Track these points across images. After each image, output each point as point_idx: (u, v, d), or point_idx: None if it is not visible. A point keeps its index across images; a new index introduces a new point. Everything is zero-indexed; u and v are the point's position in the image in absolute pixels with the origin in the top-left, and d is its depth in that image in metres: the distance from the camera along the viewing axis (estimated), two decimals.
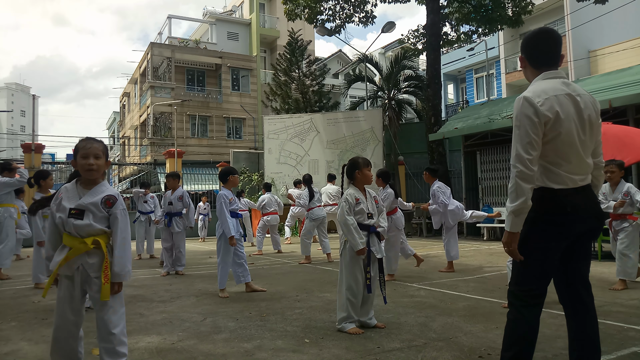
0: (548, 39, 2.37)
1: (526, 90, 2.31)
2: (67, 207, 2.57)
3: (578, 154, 2.25)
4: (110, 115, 44.81)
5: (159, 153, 22.24)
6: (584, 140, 2.27)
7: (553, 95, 2.22)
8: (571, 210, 2.22)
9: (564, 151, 2.23)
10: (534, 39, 2.40)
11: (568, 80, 2.35)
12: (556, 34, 2.41)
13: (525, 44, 2.43)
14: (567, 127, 2.21)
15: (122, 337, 2.62)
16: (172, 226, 7.22)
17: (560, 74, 2.35)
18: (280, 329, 3.76)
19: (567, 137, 2.21)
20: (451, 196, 6.91)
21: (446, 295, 5.01)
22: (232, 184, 5.52)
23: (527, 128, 2.18)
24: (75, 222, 2.56)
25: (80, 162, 2.61)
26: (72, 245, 2.56)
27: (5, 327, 4.05)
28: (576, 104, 2.25)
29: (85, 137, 2.83)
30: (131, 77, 30.17)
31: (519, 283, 2.33)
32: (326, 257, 8.42)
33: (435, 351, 3.13)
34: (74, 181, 2.69)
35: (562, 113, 2.20)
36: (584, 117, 2.25)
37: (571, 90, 2.28)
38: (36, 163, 15.70)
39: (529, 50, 2.41)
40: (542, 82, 2.31)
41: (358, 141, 15.76)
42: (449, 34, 17.22)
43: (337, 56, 33.54)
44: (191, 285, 6.09)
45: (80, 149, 2.64)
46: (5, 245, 7.05)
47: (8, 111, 56.32)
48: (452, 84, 28.62)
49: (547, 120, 2.18)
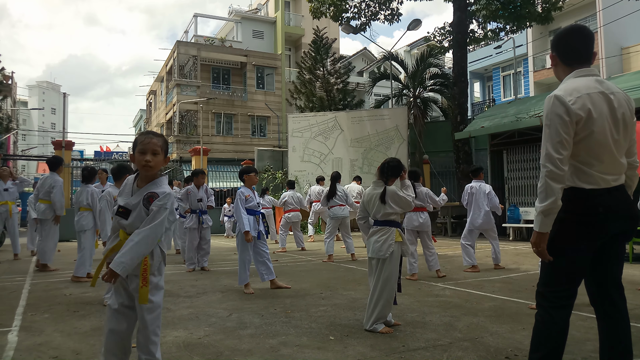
0: (580, 36, 2.31)
1: (557, 88, 2.26)
2: (118, 204, 2.53)
3: (611, 154, 2.18)
4: (137, 113, 45.71)
5: (184, 150, 22.58)
6: (618, 140, 2.20)
7: (585, 93, 2.16)
8: (603, 210, 2.16)
9: (596, 150, 2.16)
10: (566, 36, 2.34)
11: (601, 78, 2.29)
12: (588, 30, 2.35)
13: (556, 41, 2.37)
14: (599, 126, 2.15)
15: (153, 337, 2.45)
16: (204, 222, 7.37)
17: (593, 71, 2.28)
18: (304, 326, 3.78)
19: (600, 136, 2.15)
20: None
21: (471, 295, 4.95)
22: (250, 182, 5.59)
23: (557, 127, 2.13)
24: (121, 222, 2.47)
25: (137, 158, 2.49)
26: (122, 238, 2.45)
27: (39, 319, 4.19)
28: (609, 102, 2.18)
29: (145, 130, 2.71)
30: (157, 75, 30.70)
31: (548, 284, 2.29)
32: (350, 256, 8.41)
33: (460, 351, 3.10)
34: (134, 175, 2.59)
35: (594, 112, 2.14)
36: (617, 115, 2.19)
37: (604, 88, 2.21)
38: (66, 160, 16.12)
39: (560, 48, 2.35)
40: (575, 80, 2.25)
41: (382, 139, 15.67)
42: (476, 32, 16.97)
43: (362, 54, 33.41)
44: (217, 281, 6.17)
45: (139, 143, 2.50)
46: (50, 241, 7.30)
47: (39, 109, 57.99)
48: (478, 82, 28.20)
49: (579, 119, 2.13)
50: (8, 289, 5.81)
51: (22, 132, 47.26)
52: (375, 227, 3.85)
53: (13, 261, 8.80)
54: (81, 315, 4.27)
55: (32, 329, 3.83)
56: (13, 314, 4.36)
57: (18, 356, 3.14)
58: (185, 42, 26.88)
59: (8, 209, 8.79)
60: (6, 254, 9.74)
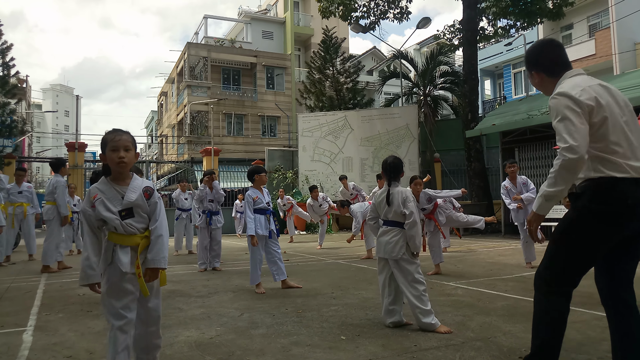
0: (555, 47, 2.39)
1: (556, 91, 2.24)
2: (114, 209, 2.44)
3: (628, 139, 2.16)
4: (149, 114, 46.08)
5: (195, 151, 22.73)
6: (629, 124, 2.20)
7: (587, 86, 2.18)
8: (632, 203, 2.07)
9: (616, 136, 2.14)
10: (545, 52, 2.40)
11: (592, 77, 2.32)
12: (558, 42, 2.45)
13: (535, 59, 2.41)
14: (610, 112, 2.15)
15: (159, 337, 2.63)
16: (213, 223, 7.40)
17: (582, 71, 2.33)
18: (316, 326, 3.78)
19: (615, 122, 2.15)
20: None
21: (484, 295, 4.91)
22: (259, 183, 5.59)
23: (571, 118, 2.11)
24: (129, 221, 2.46)
25: (111, 156, 2.45)
26: (133, 242, 2.46)
27: (53, 319, 4.23)
28: (610, 92, 2.23)
29: (112, 129, 2.61)
30: (168, 77, 30.92)
31: (551, 268, 2.25)
32: (367, 252, 8.35)
33: (473, 351, 3.07)
34: (103, 179, 2.52)
35: (602, 99, 2.15)
36: (621, 103, 2.23)
37: (600, 82, 2.26)
38: (79, 161, 16.33)
39: (544, 64, 2.39)
40: (571, 79, 2.26)
41: (393, 138, 15.63)
42: (486, 29, 16.83)
43: (372, 53, 33.33)
44: (228, 281, 6.20)
45: (109, 141, 2.47)
46: (51, 242, 7.39)
47: (53, 111, 58.77)
48: (489, 79, 27.97)
49: (591, 109, 2.13)
50: (23, 289, 5.89)
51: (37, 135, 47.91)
52: (385, 227, 3.84)
53: (28, 262, 8.93)
54: (94, 315, 4.32)
55: (46, 328, 3.88)
56: (28, 314, 4.41)
57: (33, 356, 3.18)
58: (196, 43, 27.04)
59: (23, 210, 8.91)
60: (21, 254, 9.89)
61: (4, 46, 15.55)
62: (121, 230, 2.45)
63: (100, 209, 2.43)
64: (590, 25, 21.07)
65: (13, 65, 15.88)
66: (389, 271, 3.79)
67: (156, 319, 2.60)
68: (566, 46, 21.08)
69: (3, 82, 15.67)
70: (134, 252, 2.47)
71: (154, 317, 2.59)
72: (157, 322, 2.61)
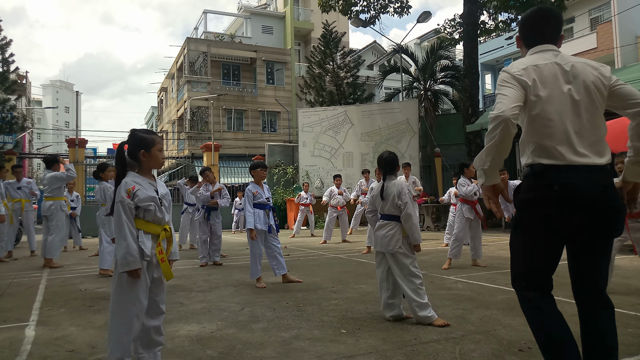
0: (540, 19, 2.24)
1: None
2: (155, 196, 2.67)
3: (571, 122, 2.02)
4: (149, 110, 46.05)
5: (196, 147, 22.73)
6: (580, 106, 2.03)
7: (532, 65, 2.08)
8: (559, 189, 1.95)
9: (553, 120, 2.01)
10: (529, 19, 2.27)
11: (561, 53, 2.16)
12: (553, 12, 2.25)
13: (520, 24, 2.33)
14: (552, 90, 2.03)
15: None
16: (211, 219, 7.41)
17: (550, 47, 2.18)
18: (317, 319, 3.79)
19: (556, 101, 2.03)
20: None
21: (484, 288, 4.93)
22: (258, 178, 5.61)
23: (503, 92, 2.05)
24: (160, 214, 2.68)
25: (157, 155, 2.72)
26: (156, 231, 2.68)
27: (56, 313, 4.25)
28: (563, 71, 2.07)
29: (148, 129, 2.89)
30: (168, 72, 30.88)
31: (514, 264, 2.17)
32: (367, 248, 8.37)
33: (473, 344, 3.09)
34: (132, 173, 2.69)
35: (543, 77, 2.05)
36: (578, 83, 2.05)
37: (559, 59, 2.11)
38: (80, 157, 16.34)
39: (523, 31, 2.30)
40: (528, 57, 2.19)
41: (393, 133, 15.60)
42: (486, 23, 16.78)
43: (372, 47, 33.25)
44: (229, 276, 6.22)
45: (156, 142, 2.72)
46: (56, 236, 7.42)
47: (53, 107, 58.73)
48: (489, 73, 27.90)
49: (526, 86, 2.04)
50: (25, 284, 5.91)
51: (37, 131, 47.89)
52: (381, 221, 3.85)
53: (30, 258, 8.95)
54: (96, 309, 4.34)
55: (48, 323, 3.90)
56: (30, 309, 4.43)
57: (35, 350, 3.20)
58: (195, 38, 26.98)
59: (21, 206, 8.97)
60: (23, 250, 9.92)
61: (3, 42, 15.54)
62: (152, 216, 2.66)
63: (141, 196, 2.62)
64: (592, 18, 20.98)
65: (13, 62, 15.87)
66: (386, 265, 3.80)
67: (160, 314, 2.74)
68: (567, 40, 21.03)
69: (3, 78, 15.66)
70: (154, 240, 2.67)
71: (160, 311, 2.73)
72: (161, 318, 2.74)
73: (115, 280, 2.61)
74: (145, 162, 2.71)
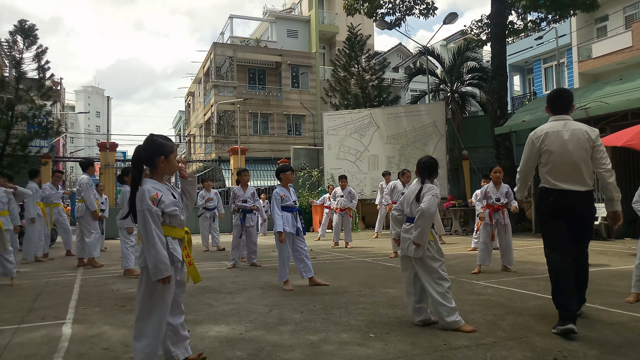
0: (557, 98, 3.78)
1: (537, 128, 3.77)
2: (177, 200, 2.73)
3: (566, 168, 3.59)
4: (176, 114, 46.86)
5: (223, 150, 23.00)
6: (569, 155, 3.57)
7: (546, 131, 3.68)
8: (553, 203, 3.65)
9: (555, 166, 3.62)
10: (549, 96, 3.83)
11: (568, 121, 3.67)
12: (565, 92, 3.85)
13: (548, 98, 3.83)
14: (553, 146, 3.61)
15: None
16: (245, 222, 7.44)
17: (563, 117, 3.69)
18: (344, 323, 3.79)
19: (557, 152, 3.60)
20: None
21: (515, 294, 4.83)
22: (286, 181, 5.63)
23: (525, 152, 3.83)
24: (181, 217, 2.74)
25: (174, 162, 2.75)
26: (181, 235, 2.76)
27: (90, 312, 4.38)
28: (562, 134, 3.61)
29: (165, 135, 2.88)
30: (195, 77, 31.37)
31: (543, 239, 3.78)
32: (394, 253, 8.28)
33: (505, 350, 3.03)
34: (150, 180, 2.70)
35: (548, 139, 3.64)
36: (571, 140, 3.57)
37: (565, 127, 3.62)
38: (110, 160, 16.75)
39: (547, 103, 3.83)
40: (546, 123, 3.75)
41: (419, 136, 15.46)
42: (515, 23, 16.48)
43: (397, 49, 33.05)
44: (256, 278, 6.27)
45: (175, 150, 2.77)
46: (93, 236, 7.67)
47: (85, 112, 60.47)
48: (518, 75, 27.37)
49: (540, 144, 3.69)
50: (61, 284, 6.10)
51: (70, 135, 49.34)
52: (408, 225, 3.81)
53: (65, 257, 9.24)
54: (128, 309, 4.43)
55: (84, 321, 4.01)
56: (66, 308, 4.57)
57: (72, 347, 3.30)
58: (222, 43, 27.34)
59: (58, 210, 9.33)
60: (57, 250, 10.24)
61: (39, 50, 16.06)
62: (177, 221, 2.72)
63: (166, 201, 2.66)
64: (627, 16, 20.32)
65: (48, 69, 16.38)
66: (413, 269, 3.76)
67: (182, 313, 2.88)
68: (601, 38, 20.49)
69: (39, 85, 16.18)
70: (181, 244, 2.75)
71: (182, 310, 2.85)
72: (183, 316, 2.88)
73: (143, 286, 2.62)
74: (162, 168, 2.72)
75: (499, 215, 6.57)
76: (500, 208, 6.58)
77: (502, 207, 6.58)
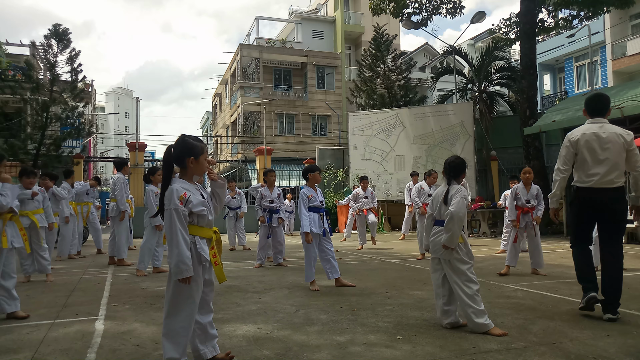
0: (594, 102, 4.05)
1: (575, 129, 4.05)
2: (205, 201, 2.75)
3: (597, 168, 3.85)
4: (204, 115, 47.55)
5: (249, 151, 23.21)
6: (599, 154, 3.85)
7: (582, 133, 3.95)
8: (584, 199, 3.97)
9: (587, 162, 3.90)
10: (587, 100, 4.09)
11: (604, 124, 3.93)
12: (602, 97, 4.07)
13: (586, 101, 4.09)
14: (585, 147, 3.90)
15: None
16: (271, 222, 7.47)
17: (600, 120, 3.97)
18: (371, 324, 3.77)
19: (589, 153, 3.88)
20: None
21: (546, 298, 4.71)
22: (313, 181, 5.64)
23: (562, 152, 4.05)
24: (209, 217, 2.77)
25: (204, 163, 2.77)
26: (209, 235, 2.78)
27: (121, 309, 4.48)
28: (595, 135, 3.88)
29: (196, 136, 2.88)
30: (222, 78, 31.76)
31: (571, 231, 4.18)
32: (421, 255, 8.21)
33: (537, 356, 2.96)
34: (180, 179, 2.73)
35: (582, 140, 3.91)
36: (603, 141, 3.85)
37: (601, 130, 3.89)
38: (139, 160, 17.11)
39: (585, 106, 4.09)
40: (585, 125, 4.01)
41: (447, 136, 15.26)
42: (545, 21, 16.10)
43: (424, 49, 32.74)
44: (283, 278, 6.30)
45: (205, 151, 2.78)
46: (122, 236, 7.86)
47: (115, 113, 62.01)
48: (548, 74, 26.73)
49: (575, 145, 3.96)
50: (93, 281, 6.27)
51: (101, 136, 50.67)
52: (437, 227, 3.77)
53: (96, 255, 9.50)
54: (157, 307, 4.52)
55: (115, 318, 4.11)
56: (99, 304, 4.69)
57: (105, 343, 3.38)
58: (248, 44, 27.60)
59: (88, 208, 9.61)
60: (89, 248, 10.52)
61: (72, 53, 16.55)
62: (205, 221, 2.73)
63: (194, 201, 2.68)
64: None
65: (81, 71, 16.87)
66: (442, 271, 3.72)
67: (211, 312, 2.88)
68: (636, 36, 19.85)
69: (72, 87, 16.67)
70: (208, 243, 2.77)
71: (210, 309, 2.87)
72: (211, 314, 2.89)
73: (172, 284, 2.64)
74: (191, 168, 2.75)
75: (528, 217, 6.43)
76: (529, 210, 6.44)
77: (531, 209, 6.43)
